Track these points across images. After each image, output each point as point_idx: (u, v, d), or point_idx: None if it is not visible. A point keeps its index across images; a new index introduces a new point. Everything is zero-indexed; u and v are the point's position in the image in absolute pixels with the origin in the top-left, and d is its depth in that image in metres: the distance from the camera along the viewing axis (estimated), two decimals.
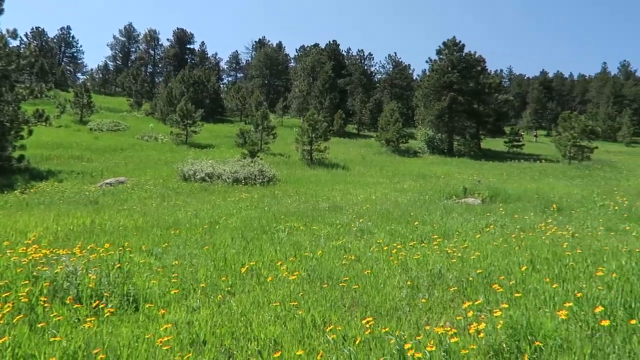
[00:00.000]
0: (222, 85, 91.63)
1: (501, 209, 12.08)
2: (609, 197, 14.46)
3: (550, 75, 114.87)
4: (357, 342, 3.30)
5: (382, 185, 20.45)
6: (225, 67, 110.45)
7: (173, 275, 5.77)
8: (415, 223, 9.64)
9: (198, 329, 4.11)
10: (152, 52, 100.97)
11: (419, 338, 3.39)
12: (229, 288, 5.44)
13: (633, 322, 3.72)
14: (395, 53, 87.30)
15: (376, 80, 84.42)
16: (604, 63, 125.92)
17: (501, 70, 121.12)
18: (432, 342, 3.18)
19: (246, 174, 21.00)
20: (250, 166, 22.12)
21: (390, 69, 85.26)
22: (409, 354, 2.77)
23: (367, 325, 3.65)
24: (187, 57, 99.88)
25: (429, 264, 6.12)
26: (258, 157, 26.08)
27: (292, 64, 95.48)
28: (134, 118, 50.26)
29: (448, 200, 15.12)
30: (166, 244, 7.85)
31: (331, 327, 3.89)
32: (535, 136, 65.10)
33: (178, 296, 5.12)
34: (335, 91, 60.39)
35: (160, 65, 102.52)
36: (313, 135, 30.53)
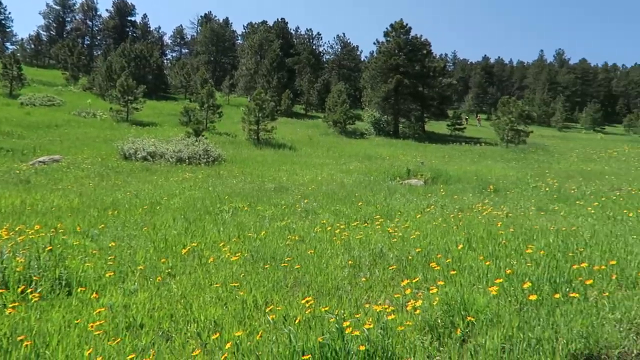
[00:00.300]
0: (165, 61, 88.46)
1: (442, 190, 12.48)
2: (541, 179, 15.27)
3: (492, 61, 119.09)
4: (297, 322, 3.32)
5: (329, 166, 20.58)
6: (169, 42, 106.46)
7: (110, 258, 5.57)
8: (360, 204, 9.79)
9: (135, 313, 4.00)
10: (89, 23, 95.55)
11: (357, 316, 3.46)
12: (169, 270, 5.32)
13: (557, 296, 3.97)
14: (344, 34, 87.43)
15: (324, 60, 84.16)
16: (541, 51, 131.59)
17: (446, 55, 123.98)
18: (370, 320, 3.26)
19: (190, 154, 20.50)
20: (195, 145, 21.59)
21: (339, 50, 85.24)
22: (347, 332, 2.82)
23: (307, 305, 3.67)
24: (128, 30, 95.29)
25: (371, 244, 6.24)
26: (203, 136, 25.47)
27: (239, 41, 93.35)
28: (70, 93, 47.58)
29: (392, 182, 15.43)
30: (103, 226, 7.56)
31: (272, 307, 3.90)
32: (479, 120, 67.40)
33: (115, 279, 4.95)
34: (283, 70, 59.74)
35: (98, 38, 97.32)
36: (260, 115, 30.14)
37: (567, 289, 4.31)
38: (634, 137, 59.99)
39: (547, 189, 12.90)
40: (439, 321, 3.67)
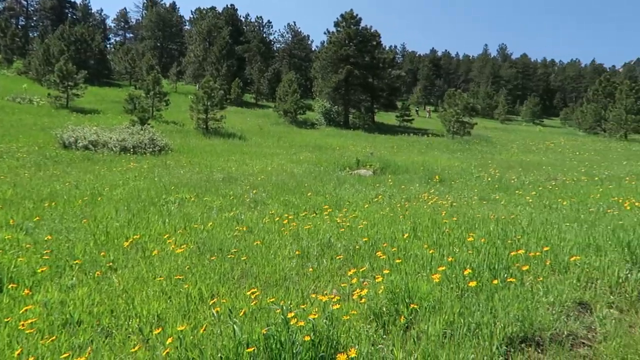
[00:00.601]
0: (108, 46, 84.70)
1: (390, 180, 12.70)
2: (484, 170, 15.85)
3: (439, 53, 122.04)
4: (242, 314, 3.28)
5: (279, 156, 20.47)
6: (112, 25, 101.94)
7: (45, 252, 5.30)
8: (309, 194, 9.80)
9: (72, 309, 3.83)
10: (24, 2, 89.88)
11: (303, 307, 3.46)
12: (110, 264, 5.12)
13: (495, 282, 4.13)
14: (295, 22, 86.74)
15: (275, 49, 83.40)
16: (486, 45, 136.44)
17: (395, 47, 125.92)
18: (316, 310, 3.27)
19: (135, 143, 19.80)
20: (140, 134, 20.87)
21: (290, 39, 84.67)
22: (292, 323, 2.81)
23: (253, 297, 3.64)
24: (67, 11, 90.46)
25: (319, 234, 6.27)
26: (149, 124, 24.67)
27: (187, 26, 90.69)
28: (3, 77, 44.73)
29: (342, 172, 15.56)
30: (39, 218, 7.17)
31: (216, 299, 3.83)
32: (429, 112, 68.94)
33: (50, 274, 4.71)
34: (232, 58, 58.70)
35: (34, 19, 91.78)
36: (209, 104, 29.51)
37: (505, 275, 4.50)
38: (570, 129, 63.37)
39: (489, 178, 13.41)
40: (384, 309, 3.74)
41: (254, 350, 2.64)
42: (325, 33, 43.74)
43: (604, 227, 6.72)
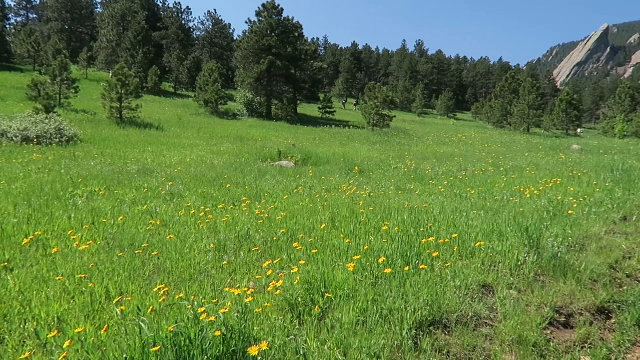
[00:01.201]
0: (8, 26, 77.46)
1: (311, 172, 12.79)
2: (401, 161, 16.42)
3: (361, 47, 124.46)
4: (150, 311, 3.13)
5: (199, 147, 19.89)
6: (12, 4, 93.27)
7: None
8: (228, 185, 9.61)
9: None
10: None
11: (215, 301, 3.37)
12: (6, 263, 4.69)
13: (407, 268, 4.29)
14: (215, 10, 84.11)
15: (195, 37, 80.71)
16: (404, 40, 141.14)
17: (317, 39, 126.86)
18: (229, 304, 3.19)
19: (40, 132, 18.33)
20: (45, 123, 19.33)
21: (210, 27, 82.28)
22: (202, 318, 2.73)
23: (161, 293, 3.49)
24: None
25: (238, 226, 6.16)
26: (55, 113, 22.91)
27: (98, 9, 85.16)
28: None
29: (263, 163, 15.43)
30: None
31: (124, 298, 3.64)
32: (355, 105, 70.04)
33: None
34: (149, 45, 56.02)
35: None
36: (123, 92, 27.96)
37: (417, 262, 4.69)
38: (480, 123, 67.43)
39: (406, 169, 13.90)
40: (300, 300, 3.74)
41: (160, 349, 2.53)
42: (246, 22, 42.99)
43: (507, 214, 7.20)
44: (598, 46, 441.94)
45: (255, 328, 3.12)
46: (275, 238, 5.51)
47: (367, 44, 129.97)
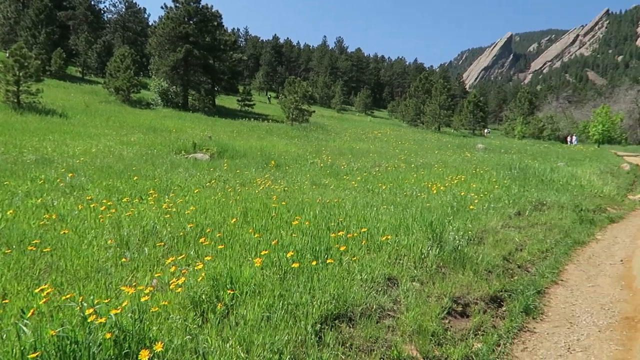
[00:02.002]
0: None
1: (226, 165, 12.53)
2: (318, 156, 16.59)
3: (282, 41, 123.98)
4: (30, 314, 2.86)
5: (107, 137, 18.74)
6: None
7: None
8: (136, 178, 9.14)
9: None
10: None
11: (106, 301, 3.17)
12: None
13: (314, 263, 4.31)
14: None
15: (106, 19, 75.90)
16: (324, 36, 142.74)
17: (238, 30, 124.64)
18: (125, 304, 3.01)
19: None
20: None
21: (123, 10, 77.81)
22: (91, 320, 2.54)
23: (44, 294, 3.22)
24: None
25: (143, 220, 5.87)
26: None
27: None
28: None
29: (177, 155, 14.88)
30: None
31: (7, 300, 3.32)
32: (269, 98, 69.64)
33: None
34: (53, 25, 51.80)
35: None
36: (21, 74, 25.60)
37: (326, 256, 4.73)
38: (395, 121, 70.01)
39: (322, 164, 14.07)
40: (204, 297, 3.63)
41: (41, 354, 2.32)
42: (162, 7, 41.09)
43: (415, 209, 7.50)
44: (502, 52, 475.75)
45: (153, 328, 2.97)
46: (182, 233, 5.31)
47: (288, 38, 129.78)
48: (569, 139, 51.19)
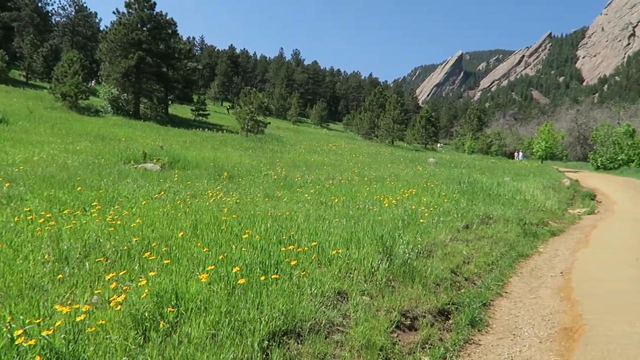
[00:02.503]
0: None
1: (177, 176, 12.24)
2: (272, 168, 16.49)
3: (238, 51, 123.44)
4: None
5: (52, 144, 17.92)
6: None
7: None
8: (80, 189, 8.75)
9: None
10: None
11: (38, 321, 2.98)
12: None
13: (263, 278, 4.24)
14: None
15: (53, 22, 73.09)
16: (281, 48, 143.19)
17: (193, 38, 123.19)
18: (59, 324, 2.84)
19: None
20: None
21: (73, 13, 75.20)
22: (19, 342, 2.37)
23: None
24: None
25: (85, 234, 5.61)
26: None
27: None
28: None
29: (126, 165, 14.41)
30: None
31: None
32: (228, 109, 68.81)
33: None
34: None
35: None
36: None
37: (276, 270, 4.67)
38: (350, 134, 70.80)
39: (276, 176, 13.99)
40: (147, 314, 3.49)
41: None
42: (114, 13, 39.97)
43: (367, 222, 7.56)
44: (454, 70, 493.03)
45: (89, 349, 2.82)
46: (127, 247, 5.11)
47: (244, 49, 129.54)
48: (515, 154, 53.47)
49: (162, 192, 9.34)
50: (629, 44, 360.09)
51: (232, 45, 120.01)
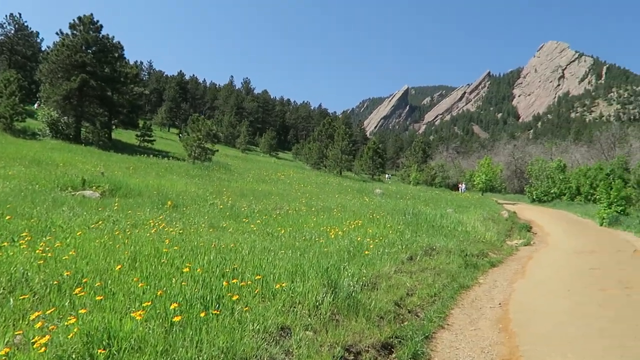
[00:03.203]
0: None
1: (118, 204, 11.76)
2: (218, 197, 16.21)
3: (187, 77, 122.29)
4: None
5: None
6: None
7: None
8: (9, 217, 8.22)
9: None
10: None
11: None
12: None
13: (203, 314, 4.09)
14: (20, 14, 74.17)
15: None
16: (231, 76, 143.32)
17: (141, 63, 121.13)
18: None
19: None
20: None
21: (12, 32, 72.14)
22: None
23: None
24: None
25: (12, 267, 5.23)
26: None
27: None
28: None
29: (62, 192, 13.72)
30: None
31: None
32: (180, 135, 67.21)
33: None
34: None
35: None
36: None
37: (217, 306, 4.53)
38: (299, 163, 71.12)
39: (222, 206, 13.73)
40: (74, 356, 3.27)
41: None
42: (57, 34, 38.66)
43: (312, 254, 7.53)
44: (400, 103, 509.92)
45: None
46: (57, 282, 4.81)
47: (194, 75, 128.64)
48: (459, 186, 55.43)
49: (101, 222, 8.93)
50: (559, 84, 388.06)
51: (181, 71, 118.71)
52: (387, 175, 69.07)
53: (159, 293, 4.41)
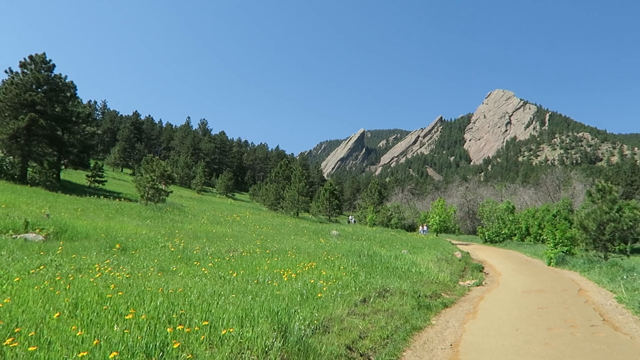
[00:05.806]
0: None
1: (62, 248, 11.26)
2: (170, 239, 15.79)
3: (142, 117, 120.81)
4: None
5: None
6: None
7: None
8: None
9: None
10: None
11: None
12: None
13: None
14: None
15: None
16: (188, 117, 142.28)
17: (95, 102, 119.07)
18: None
19: None
20: None
21: None
22: None
23: None
24: None
25: None
26: None
27: None
28: None
29: (3, 235, 13.01)
30: None
31: None
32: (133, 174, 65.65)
33: None
34: None
35: None
36: None
37: (161, 354, 4.36)
38: (256, 204, 70.60)
39: (173, 249, 13.38)
40: None
41: None
42: (6, 72, 37.61)
43: (264, 298, 7.42)
44: (357, 146, 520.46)
45: None
46: None
47: (149, 115, 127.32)
48: (420, 228, 56.15)
49: (42, 267, 8.50)
50: (506, 130, 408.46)
51: (136, 111, 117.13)
52: (350, 217, 69.39)
53: (94, 342, 4.21)
